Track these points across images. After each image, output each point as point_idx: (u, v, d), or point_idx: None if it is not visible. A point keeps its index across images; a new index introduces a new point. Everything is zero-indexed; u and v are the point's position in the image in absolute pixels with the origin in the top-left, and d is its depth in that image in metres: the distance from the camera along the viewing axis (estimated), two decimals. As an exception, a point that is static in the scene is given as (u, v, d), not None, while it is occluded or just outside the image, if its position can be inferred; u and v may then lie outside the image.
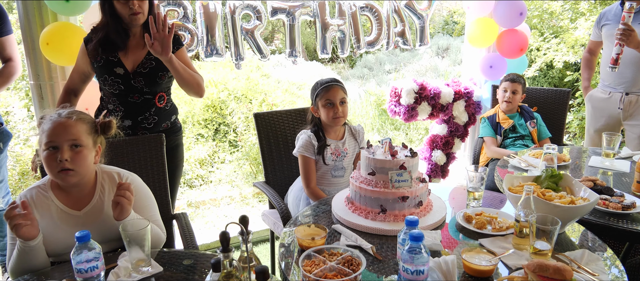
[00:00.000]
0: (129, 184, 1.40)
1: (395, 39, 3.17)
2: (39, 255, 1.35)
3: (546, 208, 1.44)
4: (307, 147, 2.10)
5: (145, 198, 1.57)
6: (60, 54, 2.17)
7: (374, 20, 3.00)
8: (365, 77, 7.64)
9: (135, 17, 1.93)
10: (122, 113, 2.05)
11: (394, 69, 7.95)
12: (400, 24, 3.14)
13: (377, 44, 3.02)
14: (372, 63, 8.40)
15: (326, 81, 2.13)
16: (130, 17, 1.92)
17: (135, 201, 1.47)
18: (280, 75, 5.88)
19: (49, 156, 1.36)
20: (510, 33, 3.32)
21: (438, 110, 3.28)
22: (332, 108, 2.09)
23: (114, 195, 1.39)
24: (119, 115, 2.04)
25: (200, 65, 5.61)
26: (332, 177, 2.16)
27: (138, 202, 1.51)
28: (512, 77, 2.97)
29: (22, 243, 1.31)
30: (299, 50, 2.89)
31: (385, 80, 7.03)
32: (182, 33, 2.52)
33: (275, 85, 5.40)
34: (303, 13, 2.81)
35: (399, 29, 3.14)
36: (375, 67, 8.25)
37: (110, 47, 1.96)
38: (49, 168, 1.38)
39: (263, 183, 2.34)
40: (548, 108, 3.14)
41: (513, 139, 2.93)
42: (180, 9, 2.52)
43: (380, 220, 1.58)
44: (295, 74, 6.29)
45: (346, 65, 8.86)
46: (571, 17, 4.66)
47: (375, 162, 1.62)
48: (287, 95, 5.15)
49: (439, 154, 3.41)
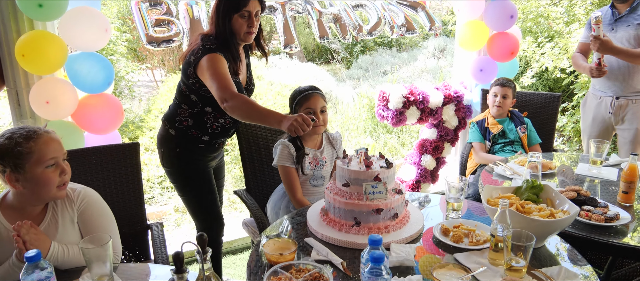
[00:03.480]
0: (25, 223, 1.31)
1: (400, 29, 3.02)
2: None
3: (523, 223, 1.39)
4: (286, 157, 2.06)
5: (100, 217, 1.51)
6: (36, 64, 2.12)
7: (370, 12, 2.94)
8: (361, 78, 7.60)
9: (250, 36, 1.95)
10: (220, 125, 2.04)
11: (390, 70, 7.90)
12: (399, 15, 3.02)
13: (378, 30, 2.93)
14: (368, 64, 8.35)
15: (306, 89, 2.08)
16: (245, 35, 1.94)
17: (89, 219, 1.44)
18: (273, 77, 5.84)
19: (51, 173, 1.37)
20: (501, 36, 3.27)
21: (427, 115, 3.23)
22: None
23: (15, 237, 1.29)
24: (217, 124, 2.03)
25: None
26: (311, 186, 2.12)
27: (91, 221, 1.47)
28: (502, 82, 2.92)
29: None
30: (295, 39, 2.84)
31: (381, 81, 6.97)
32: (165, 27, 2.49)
33: (268, 88, 5.36)
34: (291, 8, 2.76)
35: (401, 20, 3.01)
36: (371, 68, 8.19)
37: (234, 58, 1.97)
38: (49, 184, 1.37)
39: (244, 191, 2.30)
40: (538, 113, 3.09)
41: (502, 145, 2.88)
42: (162, 7, 2.48)
43: (354, 233, 1.53)
44: (289, 76, 6.24)
45: (342, 66, 8.81)
46: (567, 21, 4.60)
47: (349, 173, 1.57)
48: (279, 98, 5.10)
49: (429, 159, 3.36)
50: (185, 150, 2.02)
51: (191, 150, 2.03)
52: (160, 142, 2.07)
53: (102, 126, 2.37)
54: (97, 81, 2.28)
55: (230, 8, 1.89)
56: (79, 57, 2.26)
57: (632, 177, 1.79)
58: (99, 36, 2.23)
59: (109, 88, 2.41)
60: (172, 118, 2.02)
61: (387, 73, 7.74)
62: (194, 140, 2.02)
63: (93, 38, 2.22)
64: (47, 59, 2.12)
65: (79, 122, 2.35)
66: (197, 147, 2.03)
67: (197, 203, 2.10)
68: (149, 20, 2.41)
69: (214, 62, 1.84)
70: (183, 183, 2.08)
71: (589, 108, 2.99)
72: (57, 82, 2.22)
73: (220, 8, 1.91)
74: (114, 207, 1.90)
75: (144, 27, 2.39)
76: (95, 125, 2.36)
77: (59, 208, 1.45)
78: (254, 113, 1.77)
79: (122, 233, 1.59)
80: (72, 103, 2.26)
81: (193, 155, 2.04)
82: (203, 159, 2.07)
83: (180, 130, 2.00)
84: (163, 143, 2.06)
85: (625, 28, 2.69)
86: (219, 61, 1.85)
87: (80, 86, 2.29)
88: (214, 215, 2.13)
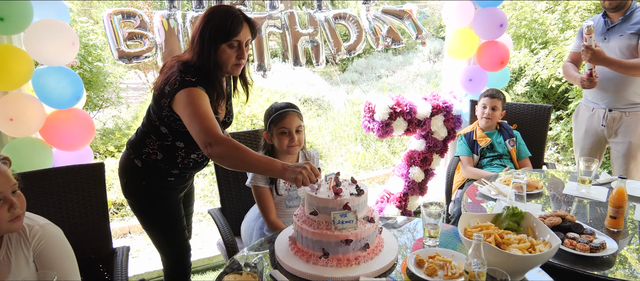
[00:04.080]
0: None
1: (386, 40, 2.93)
2: None
3: (500, 257, 1.30)
4: (260, 176, 1.96)
5: (59, 257, 1.38)
6: (1, 80, 2.03)
7: (352, 28, 2.84)
8: (355, 82, 7.50)
9: (238, 69, 1.72)
10: (192, 160, 1.83)
11: (385, 74, 7.81)
12: (384, 26, 2.93)
13: (358, 49, 2.84)
14: (364, 67, 8.25)
15: (281, 107, 1.98)
16: (233, 68, 1.69)
17: (46, 261, 1.34)
18: (263, 82, 5.74)
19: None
20: (491, 45, 3.17)
21: (415, 126, 3.13)
22: (287, 136, 1.95)
23: None
24: (188, 160, 1.82)
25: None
26: (286, 207, 2.03)
27: (49, 263, 1.35)
28: (492, 93, 2.83)
29: None
30: (268, 63, 2.76)
31: (374, 86, 6.88)
32: (137, 41, 2.39)
33: (257, 94, 5.26)
34: (269, 24, 2.68)
35: (386, 30, 2.93)
36: (366, 72, 8.10)
37: (217, 96, 1.72)
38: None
39: (218, 211, 2.21)
40: (529, 126, 2.99)
41: (490, 158, 2.78)
42: (136, 19, 2.39)
43: (322, 265, 1.44)
44: (280, 82, 6.15)
45: (337, 69, 8.72)
46: (561, 27, 4.49)
47: (317, 201, 1.48)
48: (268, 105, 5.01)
49: (417, 171, 3.27)
50: (152, 185, 1.80)
51: (159, 185, 1.81)
52: (124, 171, 1.83)
53: (71, 142, 2.28)
54: (64, 96, 2.19)
55: (217, 37, 1.62)
56: (45, 71, 2.17)
57: (620, 201, 1.70)
58: (66, 50, 2.14)
59: (79, 102, 2.32)
60: (138, 148, 1.79)
61: (382, 77, 7.64)
62: (163, 174, 1.80)
63: (59, 51, 2.13)
64: (10, 74, 2.03)
65: (48, 139, 2.26)
66: (165, 181, 1.81)
67: (163, 239, 1.90)
68: (121, 33, 2.32)
69: (194, 98, 1.57)
70: (148, 218, 1.87)
71: (581, 121, 2.89)
72: (22, 97, 2.13)
73: (205, 36, 1.62)
74: (78, 231, 1.83)
75: (116, 41, 2.29)
76: (65, 142, 2.27)
77: (14, 245, 1.35)
78: (246, 161, 1.51)
79: (90, 260, 1.49)
80: (39, 119, 2.17)
81: (160, 190, 1.82)
82: (172, 192, 1.86)
83: (148, 163, 1.78)
84: (127, 173, 1.82)
85: (618, 38, 2.59)
86: (200, 98, 1.58)
87: (48, 101, 2.19)
88: (180, 249, 1.93)
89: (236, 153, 1.51)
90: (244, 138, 2.32)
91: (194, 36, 1.67)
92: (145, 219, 1.88)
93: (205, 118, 1.55)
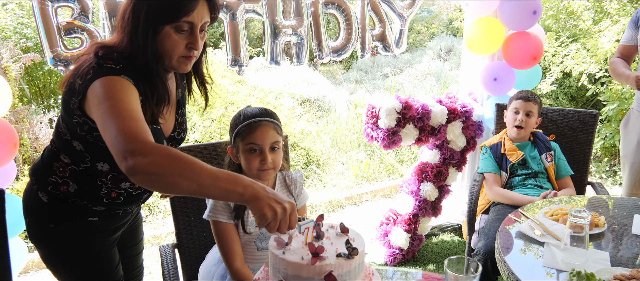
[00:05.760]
0: None
1: (374, 43, 2.53)
2: None
3: None
4: (221, 208, 1.44)
5: None
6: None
7: (342, 20, 2.33)
8: (359, 81, 6.97)
9: (189, 62, 1.21)
10: (124, 191, 1.29)
11: (391, 72, 7.27)
12: (379, 24, 2.50)
13: (345, 51, 2.36)
14: (369, 65, 7.73)
15: (252, 114, 1.45)
16: (181, 61, 1.19)
17: None
18: (258, 81, 5.23)
19: None
20: (521, 37, 2.63)
21: (427, 134, 2.59)
22: (257, 156, 1.43)
23: None
24: (119, 191, 1.28)
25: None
26: (258, 249, 1.50)
27: None
28: (526, 95, 2.28)
29: None
30: (245, 57, 2.24)
31: (380, 87, 6.34)
32: (79, 34, 1.89)
33: (249, 92, 4.74)
34: (247, 9, 2.16)
35: (378, 31, 2.51)
36: (372, 70, 7.56)
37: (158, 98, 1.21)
38: None
39: (171, 248, 1.68)
40: (569, 136, 2.44)
41: (523, 177, 2.24)
42: (76, 3, 1.88)
43: None
44: (276, 80, 5.64)
45: (341, 67, 8.19)
46: (594, 18, 3.92)
47: (286, 265, 0.95)
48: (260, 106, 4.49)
49: (430, 187, 2.73)
50: (64, 229, 1.27)
51: (75, 228, 1.28)
52: (26, 209, 1.30)
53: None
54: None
55: (159, 15, 1.11)
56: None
57: None
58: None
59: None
60: (42, 177, 1.26)
61: (388, 76, 7.10)
62: (79, 214, 1.27)
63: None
64: None
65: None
66: (84, 223, 1.28)
67: None
68: (56, 22, 1.80)
69: (113, 90, 1.06)
70: (62, 273, 1.33)
71: (632, 130, 2.35)
72: None
73: (141, 12, 1.11)
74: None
75: (49, 38, 1.78)
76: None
77: None
78: (193, 179, 0.93)
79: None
80: None
81: (78, 235, 1.29)
82: (99, 236, 1.32)
83: (56, 198, 1.25)
84: (29, 211, 1.29)
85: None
86: (122, 90, 1.08)
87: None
88: None
89: (175, 166, 0.93)
90: (207, 151, 1.79)
91: (125, 11, 1.14)
92: (59, 273, 1.34)
93: (127, 117, 1.01)
